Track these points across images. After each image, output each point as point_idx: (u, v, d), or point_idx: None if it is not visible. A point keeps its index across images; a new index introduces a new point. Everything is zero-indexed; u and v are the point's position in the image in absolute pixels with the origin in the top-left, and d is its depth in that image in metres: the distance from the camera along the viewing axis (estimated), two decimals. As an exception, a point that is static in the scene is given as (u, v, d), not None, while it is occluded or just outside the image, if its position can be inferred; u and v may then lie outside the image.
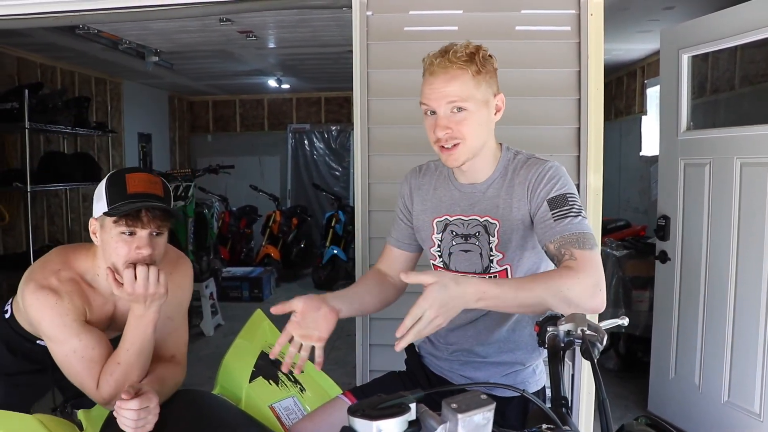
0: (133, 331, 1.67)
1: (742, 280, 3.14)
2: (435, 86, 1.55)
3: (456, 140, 1.55)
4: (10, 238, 5.46)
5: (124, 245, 1.63)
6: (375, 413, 0.81)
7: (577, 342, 1.16)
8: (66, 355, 1.66)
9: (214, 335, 5.56)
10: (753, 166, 3.05)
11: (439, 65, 1.54)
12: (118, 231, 1.62)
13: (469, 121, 1.54)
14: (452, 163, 1.60)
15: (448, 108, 1.54)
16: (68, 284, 1.70)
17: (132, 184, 1.63)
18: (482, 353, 1.69)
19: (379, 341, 2.74)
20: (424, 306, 1.25)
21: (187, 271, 1.93)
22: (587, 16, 2.58)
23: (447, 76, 1.53)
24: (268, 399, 1.94)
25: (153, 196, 1.64)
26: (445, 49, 1.56)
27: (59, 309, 1.65)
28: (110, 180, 1.67)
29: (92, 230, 1.70)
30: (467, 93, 1.53)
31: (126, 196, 1.61)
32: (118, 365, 1.65)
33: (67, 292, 1.68)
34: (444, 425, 0.82)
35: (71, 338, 1.65)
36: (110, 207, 1.61)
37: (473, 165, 1.63)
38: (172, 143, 9.05)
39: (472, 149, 1.58)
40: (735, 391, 3.17)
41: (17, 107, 4.74)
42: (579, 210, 1.51)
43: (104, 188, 1.65)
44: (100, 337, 1.71)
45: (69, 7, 2.87)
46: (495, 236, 1.62)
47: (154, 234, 1.65)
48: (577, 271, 1.38)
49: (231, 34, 5.02)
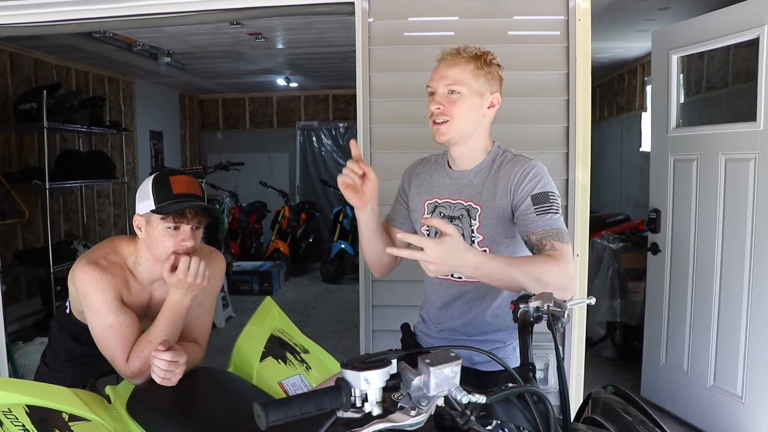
0: (169, 313, 1.89)
1: (726, 270, 3.29)
2: (439, 70, 1.81)
3: (445, 117, 1.77)
4: (29, 234, 5.64)
5: (170, 238, 1.86)
6: (363, 366, 1.00)
7: (544, 317, 1.32)
8: (102, 328, 1.87)
9: (225, 327, 5.74)
10: (736, 161, 3.21)
11: (448, 54, 1.81)
12: (165, 226, 1.86)
13: (459, 103, 1.77)
14: (439, 137, 1.81)
15: (445, 89, 1.77)
16: (113, 267, 1.93)
17: (176, 186, 1.87)
18: (466, 332, 1.88)
19: (381, 327, 2.91)
20: (433, 247, 1.39)
21: (220, 264, 2.15)
22: (575, 22, 2.73)
23: (451, 62, 1.79)
24: (277, 376, 2.13)
25: (195, 196, 1.89)
26: (460, 46, 1.81)
27: (103, 284, 1.87)
28: (156, 181, 1.89)
29: (137, 225, 1.93)
30: (463, 78, 1.76)
31: (173, 196, 1.85)
32: (149, 343, 1.86)
33: (111, 273, 1.90)
34: (419, 376, 1.00)
35: (109, 314, 1.87)
36: (158, 205, 1.84)
37: (463, 152, 1.85)
38: (183, 141, 9.22)
39: (459, 130, 1.79)
40: (720, 376, 3.33)
41: (36, 108, 4.91)
42: (558, 208, 1.71)
43: (150, 188, 1.88)
44: (134, 318, 1.92)
45: (89, 15, 3.04)
46: (477, 220, 1.82)
47: (195, 228, 1.90)
48: (558, 260, 1.59)
49: (241, 36, 5.18)
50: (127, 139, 7.31)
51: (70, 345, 2.11)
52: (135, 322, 1.92)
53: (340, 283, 7.63)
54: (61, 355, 2.16)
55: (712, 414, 3.37)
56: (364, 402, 1.01)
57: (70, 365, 2.14)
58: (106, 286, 1.87)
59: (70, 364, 2.14)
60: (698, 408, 3.46)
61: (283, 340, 2.26)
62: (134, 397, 1.88)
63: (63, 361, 2.15)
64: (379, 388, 1.01)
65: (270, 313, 2.38)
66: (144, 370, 1.86)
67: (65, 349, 2.13)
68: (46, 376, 2.14)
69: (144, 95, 7.80)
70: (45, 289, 5.23)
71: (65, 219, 6.30)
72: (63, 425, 1.66)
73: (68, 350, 2.13)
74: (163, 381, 1.77)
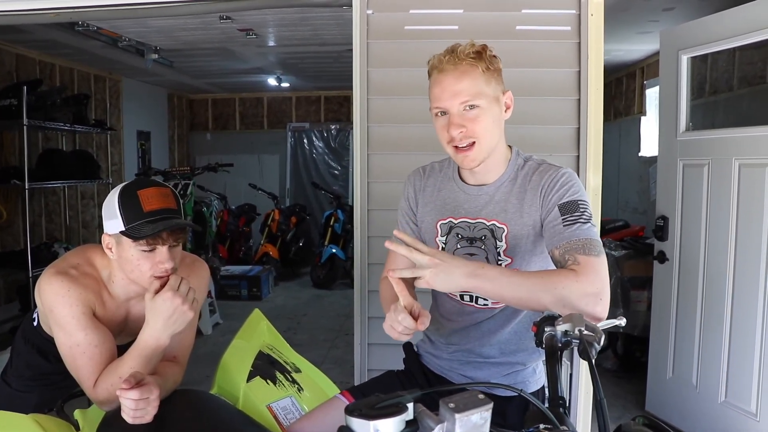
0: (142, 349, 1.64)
1: (739, 281, 3.14)
2: (445, 85, 1.54)
3: (471, 139, 1.54)
4: (8, 236, 5.46)
5: (146, 261, 1.63)
6: (372, 413, 0.81)
7: (574, 342, 1.15)
8: (70, 347, 1.65)
9: (213, 333, 5.56)
10: (751, 166, 3.06)
11: (449, 62, 1.53)
12: (139, 249, 1.62)
13: (482, 118, 1.53)
14: (469, 164, 1.58)
15: (461, 106, 1.53)
16: (85, 278, 1.70)
17: (147, 202, 1.62)
18: (484, 354, 1.68)
19: (378, 340, 2.74)
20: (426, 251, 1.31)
21: (204, 273, 1.93)
22: (587, 16, 2.59)
23: (457, 72, 1.52)
24: (266, 399, 1.94)
25: (168, 210, 1.64)
26: (451, 48, 1.55)
27: (70, 298, 1.65)
28: (122, 197, 1.64)
29: (106, 245, 1.69)
30: (478, 89, 1.52)
31: (143, 215, 1.60)
32: (119, 378, 1.60)
33: (82, 285, 1.68)
34: (441, 425, 0.82)
35: (78, 331, 1.64)
36: (128, 227, 1.60)
37: (485, 165, 1.61)
38: (171, 141, 9.06)
39: (488, 148, 1.57)
40: (732, 391, 3.18)
41: (15, 104, 4.72)
42: (589, 217, 1.49)
43: (117, 206, 1.63)
44: (106, 336, 1.70)
45: (69, 4, 2.87)
46: (503, 241, 1.60)
47: (172, 246, 1.66)
48: (578, 274, 1.37)
49: (231, 32, 5.02)
50: (113, 138, 7.14)
51: (36, 361, 1.90)
52: (106, 341, 1.69)
53: (331, 288, 7.47)
54: (25, 373, 1.94)
55: (723, 431, 3.21)
56: (373, 456, 0.82)
57: (36, 384, 1.93)
58: (74, 300, 1.64)
59: (36, 383, 1.93)
60: (708, 425, 3.31)
61: (272, 358, 2.06)
62: (105, 424, 1.67)
63: (27, 380, 1.94)
64: (392, 439, 0.83)
65: (258, 327, 2.18)
66: (112, 400, 1.61)
67: (31, 365, 1.92)
68: (8, 398, 1.93)
69: (131, 94, 7.64)
70: (24, 294, 5.04)
71: (47, 220, 6.12)
72: (22, 458, 1.47)
73: (34, 367, 1.91)
74: (135, 421, 1.51)
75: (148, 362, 1.64)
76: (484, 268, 1.34)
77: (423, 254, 1.35)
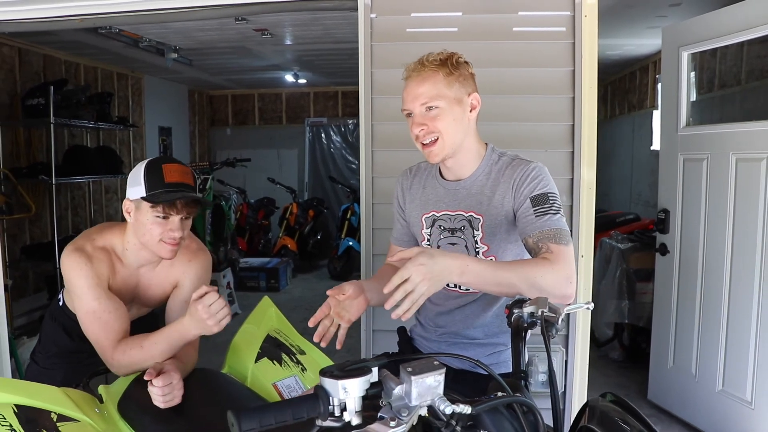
0: (171, 333, 1.85)
1: (736, 273, 3.22)
2: (410, 89, 1.72)
3: (433, 134, 1.70)
4: (36, 229, 5.66)
5: (158, 227, 1.84)
6: (341, 374, 0.96)
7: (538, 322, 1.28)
8: (86, 313, 1.87)
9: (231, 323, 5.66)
10: (747, 161, 3.14)
11: (414, 70, 1.72)
12: (154, 215, 1.83)
13: (441, 117, 1.69)
14: (433, 158, 1.74)
15: (422, 107, 1.69)
16: (99, 252, 1.92)
17: (169, 174, 1.84)
18: (469, 335, 1.83)
19: (381, 327, 2.88)
20: (411, 269, 1.35)
21: (205, 262, 2.11)
22: (581, 18, 2.67)
23: (419, 78, 1.70)
24: (272, 377, 2.10)
25: (186, 186, 1.86)
26: (420, 58, 1.72)
27: (86, 270, 1.87)
28: (148, 168, 1.86)
29: (126, 209, 1.91)
30: (437, 92, 1.68)
31: (164, 185, 1.82)
32: (141, 348, 1.84)
33: (97, 258, 1.90)
34: (401, 386, 0.96)
35: (92, 300, 1.86)
36: (149, 194, 1.82)
37: (457, 161, 1.78)
38: (192, 137, 9.22)
39: (450, 144, 1.72)
40: (729, 380, 3.26)
41: (43, 103, 4.92)
42: (558, 208, 1.64)
43: (142, 175, 1.84)
44: (118, 304, 1.91)
45: (92, 11, 3.02)
46: (479, 230, 1.75)
47: (184, 218, 1.88)
48: (552, 262, 1.52)
49: (247, 32, 5.15)
50: (136, 134, 7.32)
51: (61, 340, 2.10)
52: (119, 308, 1.91)
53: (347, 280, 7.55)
54: (51, 350, 2.14)
55: (720, 419, 3.30)
56: (343, 411, 0.97)
57: (61, 362, 2.12)
58: (89, 273, 1.87)
59: (61, 360, 2.12)
60: (706, 413, 3.40)
61: (279, 341, 2.22)
62: (126, 397, 1.86)
63: (53, 357, 2.13)
64: (359, 397, 0.97)
65: (267, 313, 2.34)
66: (126, 367, 1.86)
67: (57, 343, 2.11)
68: (36, 374, 2.12)
69: (153, 91, 7.80)
70: (52, 284, 5.23)
71: (73, 214, 6.32)
72: (51, 425, 1.63)
73: (60, 345, 2.11)
74: (166, 405, 1.73)
75: (170, 345, 1.85)
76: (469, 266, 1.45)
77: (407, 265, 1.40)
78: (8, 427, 1.58)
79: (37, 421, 1.63)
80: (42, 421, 1.64)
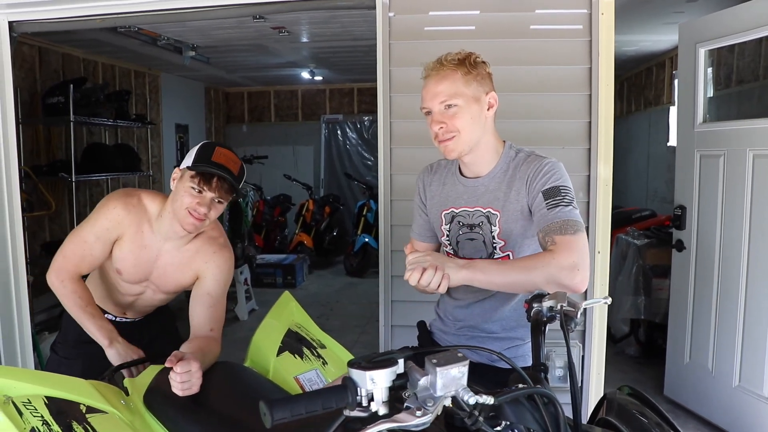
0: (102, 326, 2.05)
1: (753, 268, 3.22)
2: (429, 87, 1.76)
3: (452, 133, 1.74)
4: (56, 226, 5.72)
5: (189, 197, 1.97)
6: (368, 365, 0.99)
7: (557, 316, 1.31)
8: (77, 236, 2.09)
9: (248, 319, 5.79)
10: (765, 157, 3.13)
11: (432, 69, 1.76)
12: (190, 185, 1.96)
13: (460, 115, 1.73)
14: (449, 154, 1.78)
15: (441, 106, 1.74)
16: (135, 208, 2.09)
17: (217, 155, 1.97)
18: (487, 329, 1.86)
19: (400, 323, 2.91)
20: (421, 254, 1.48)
21: (229, 259, 2.18)
22: (598, 15, 2.69)
23: (438, 77, 1.74)
24: (294, 371, 2.13)
25: (229, 171, 1.97)
26: (439, 57, 1.76)
27: (111, 215, 2.06)
28: (204, 145, 2.02)
29: (173, 176, 2.05)
30: (456, 90, 1.72)
31: (209, 162, 1.95)
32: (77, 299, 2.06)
33: (128, 213, 2.07)
34: (426, 377, 0.99)
35: (91, 234, 2.07)
36: (194, 164, 1.96)
37: (475, 159, 1.81)
38: (208, 133, 9.27)
39: (467, 141, 1.76)
40: (745, 376, 3.27)
41: (63, 101, 4.97)
42: (571, 200, 1.67)
43: (196, 149, 2.00)
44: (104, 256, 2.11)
45: (113, 10, 3.09)
46: (497, 225, 1.78)
47: (216, 201, 1.98)
48: (553, 252, 1.56)
49: (264, 30, 5.19)
50: (153, 132, 7.38)
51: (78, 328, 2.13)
52: (100, 258, 2.10)
53: (363, 276, 7.64)
54: (69, 339, 2.22)
55: (737, 415, 3.31)
56: (370, 401, 1.00)
57: (79, 350, 2.18)
58: (112, 219, 2.04)
59: (78, 350, 2.18)
60: (723, 408, 3.40)
61: (300, 335, 2.26)
62: (152, 390, 1.90)
63: (71, 347, 2.20)
64: (386, 388, 1.00)
65: (288, 307, 2.38)
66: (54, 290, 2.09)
67: (76, 331, 2.15)
68: (56, 365, 2.19)
69: (170, 88, 7.87)
70: (72, 280, 5.28)
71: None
72: (80, 417, 1.68)
73: (76, 334, 2.15)
74: (184, 393, 1.76)
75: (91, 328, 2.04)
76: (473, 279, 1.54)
77: None
78: (40, 418, 1.63)
79: (67, 412, 1.67)
80: (72, 413, 1.68)
